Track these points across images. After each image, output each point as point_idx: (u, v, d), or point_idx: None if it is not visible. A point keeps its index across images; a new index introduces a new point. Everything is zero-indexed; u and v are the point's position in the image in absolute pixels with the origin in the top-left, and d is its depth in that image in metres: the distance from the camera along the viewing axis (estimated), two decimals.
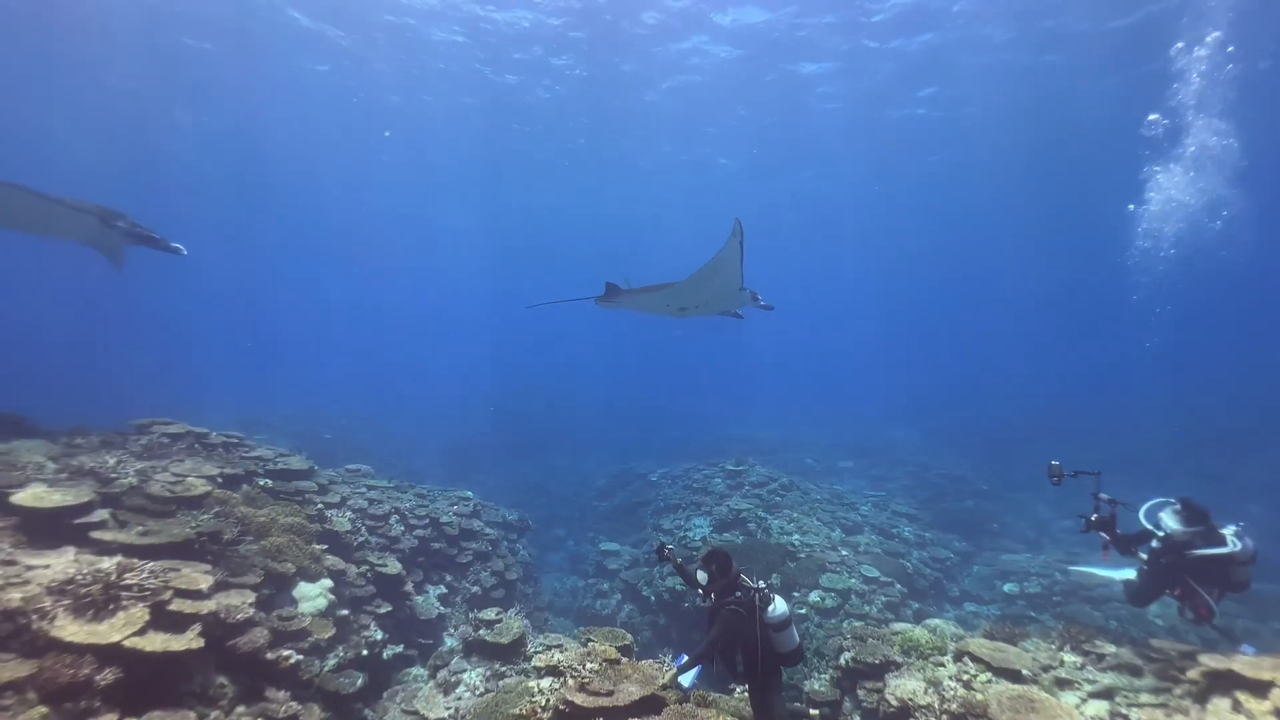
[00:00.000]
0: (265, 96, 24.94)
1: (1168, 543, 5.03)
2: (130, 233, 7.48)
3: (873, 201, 34.62)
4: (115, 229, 7.38)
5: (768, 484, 14.08)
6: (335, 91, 25.12)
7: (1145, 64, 18.93)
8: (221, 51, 21.93)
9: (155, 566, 4.72)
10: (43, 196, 6.79)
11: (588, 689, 4.49)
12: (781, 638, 4.07)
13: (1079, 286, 47.42)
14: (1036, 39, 19.67)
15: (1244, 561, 4.77)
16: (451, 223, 43.24)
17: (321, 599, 6.51)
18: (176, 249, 7.63)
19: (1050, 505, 17.49)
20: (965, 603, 11.64)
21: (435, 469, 21.27)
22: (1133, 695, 4.71)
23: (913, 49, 21.27)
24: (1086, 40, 19.14)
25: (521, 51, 22.67)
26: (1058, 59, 20.38)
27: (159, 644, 4.05)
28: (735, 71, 23.27)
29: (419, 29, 21.41)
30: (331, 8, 20.25)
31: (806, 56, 22.35)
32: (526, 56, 22.95)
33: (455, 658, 6.98)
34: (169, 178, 31.96)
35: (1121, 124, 18.53)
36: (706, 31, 21.36)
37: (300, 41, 21.81)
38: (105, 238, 7.63)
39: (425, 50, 22.60)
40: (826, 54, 22.10)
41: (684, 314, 8.84)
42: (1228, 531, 4.87)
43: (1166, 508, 5.25)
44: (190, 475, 6.77)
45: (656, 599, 11.05)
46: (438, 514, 10.17)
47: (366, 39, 21.96)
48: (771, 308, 8.62)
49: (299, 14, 20.46)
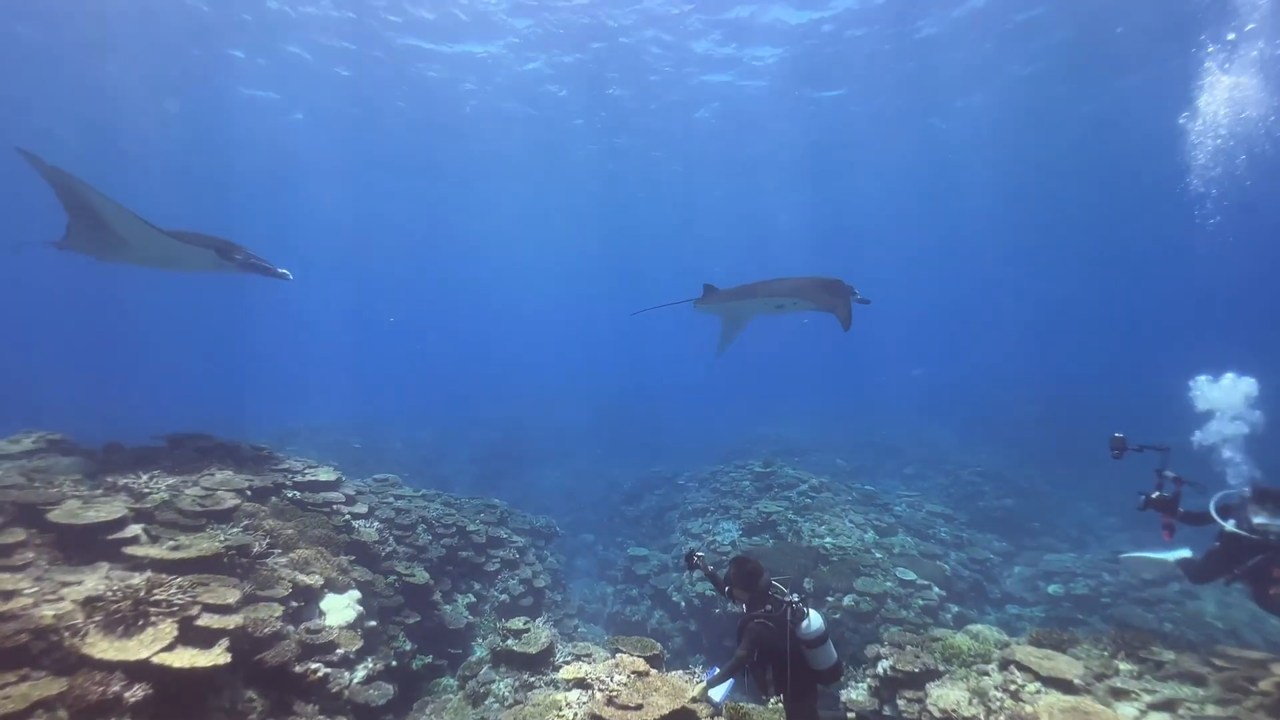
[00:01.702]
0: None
1: (1253, 533, 4.65)
2: (246, 264, 7.65)
3: (903, 198, 33.99)
4: (233, 261, 7.55)
5: (797, 485, 13.80)
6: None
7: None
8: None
9: (184, 581, 4.74)
10: (169, 234, 6.96)
11: (615, 702, 4.37)
12: (817, 654, 3.86)
13: (1119, 275, 45.89)
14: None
15: None
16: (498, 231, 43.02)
17: (349, 610, 6.51)
18: (283, 275, 7.79)
19: (1095, 502, 16.82)
20: (1007, 605, 11.22)
21: (463, 476, 21.47)
22: (1197, 708, 4.40)
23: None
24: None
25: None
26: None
27: (186, 660, 4.05)
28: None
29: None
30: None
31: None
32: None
33: (484, 668, 6.92)
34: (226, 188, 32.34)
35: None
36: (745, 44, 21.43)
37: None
38: (221, 269, 7.80)
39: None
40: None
41: (780, 311, 9.29)
42: None
43: (1237, 496, 4.86)
44: (220, 489, 6.84)
45: (686, 605, 10.89)
46: (465, 522, 10.17)
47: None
48: (868, 302, 8.65)
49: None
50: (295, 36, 20.62)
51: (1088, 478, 17.89)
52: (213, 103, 24.21)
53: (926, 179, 31.20)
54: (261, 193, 33.13)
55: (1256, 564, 4.57)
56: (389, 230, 41.77)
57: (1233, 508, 4.86)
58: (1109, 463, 5.93)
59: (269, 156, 28.88)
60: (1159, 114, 18.94)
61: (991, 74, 21.71)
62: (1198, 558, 5.19)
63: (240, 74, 22.52)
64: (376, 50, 21.46)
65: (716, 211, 36.95)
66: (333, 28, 20.21)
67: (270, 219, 36.13)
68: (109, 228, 6.93)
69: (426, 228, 41.36)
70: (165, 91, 23.05)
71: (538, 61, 22.44)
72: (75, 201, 6.84)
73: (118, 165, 26.84)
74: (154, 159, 27.44)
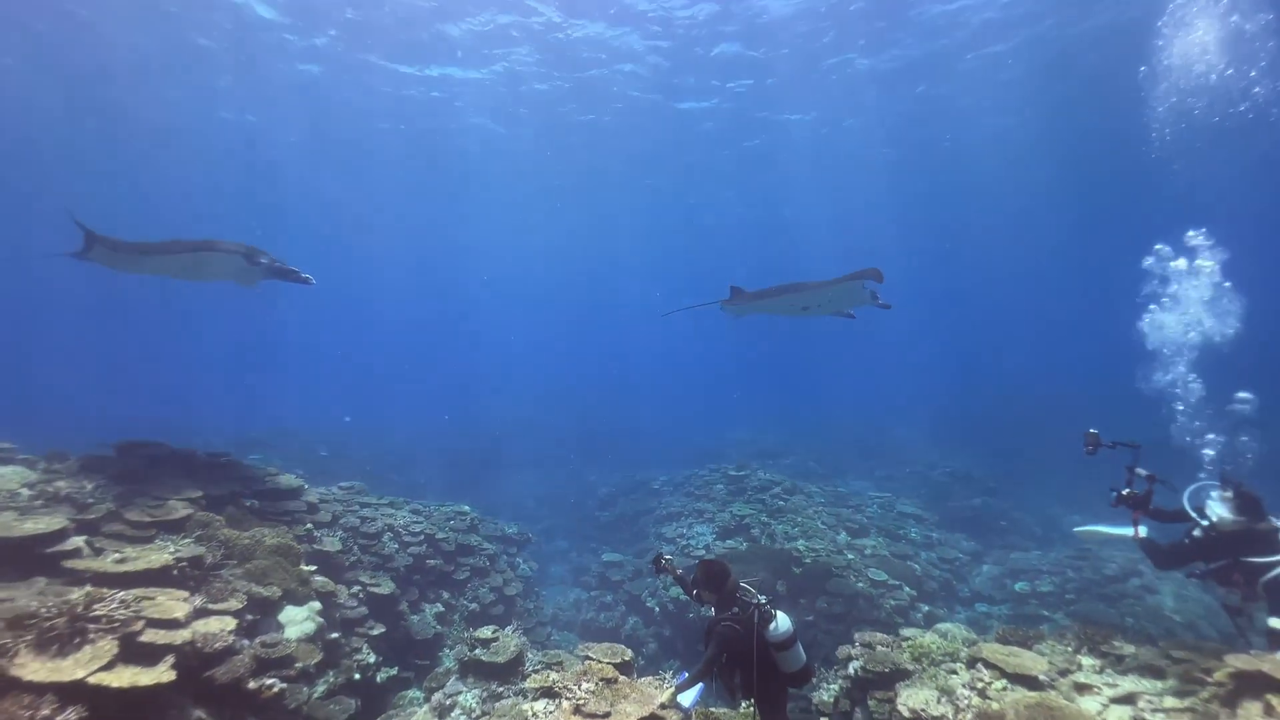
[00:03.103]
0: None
1: (1211, 531, 4.72)
2: (271, 269, 7.69)
3: (878, 207, 34.46)
4: (259, 266, 7.59)
5: (771, 488, 13.85)
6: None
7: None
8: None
9: (126, 596, 4.50)
10: (196, 245, 7.05)
11: (583, 711, 4.27)
12: (785, 657, 3.80)
13: (1082, 272, 47.18)
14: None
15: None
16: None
17: (309, 623, 6.28)
18: (307, 279, 7.79)
19: (1060, 501, 17.22)
20: (976, 603, 11.38)
21: (435, 483, 21.04)
22: (1157, 699, 4.46)
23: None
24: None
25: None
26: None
27: (127, 679, 3.83)
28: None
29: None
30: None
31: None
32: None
33: (451, 679, 6.74)
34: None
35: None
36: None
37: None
38: (248, 275, 7.85)
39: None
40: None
41: (806, 313, 9.34)
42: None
43: (1214, 491, 4.93)
44: (172, 498, 6.56)
45: (661, 610, 10.81)
46: (433, 530, 9.93)
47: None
48: (889, 306, 8.75)
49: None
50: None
51: (1053, 477, 18.33)
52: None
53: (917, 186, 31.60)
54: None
55: (1220, 568, 4.64)
56: (371, 231, 41.10)
57: (1201, 502, 4.93)
58: (1073, 462, 6.05)
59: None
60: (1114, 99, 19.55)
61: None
62: (1162, 543, 5.25)
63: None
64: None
65: (686, 212, 37.07)
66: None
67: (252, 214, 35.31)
68: (141, 261, 7.06)
69: (409, 227, 40.82)
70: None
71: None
72: (113, 255, 6.98)
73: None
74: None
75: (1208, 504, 4.92)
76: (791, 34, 19.86)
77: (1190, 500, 5.06)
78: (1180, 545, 5.09)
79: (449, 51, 20.99)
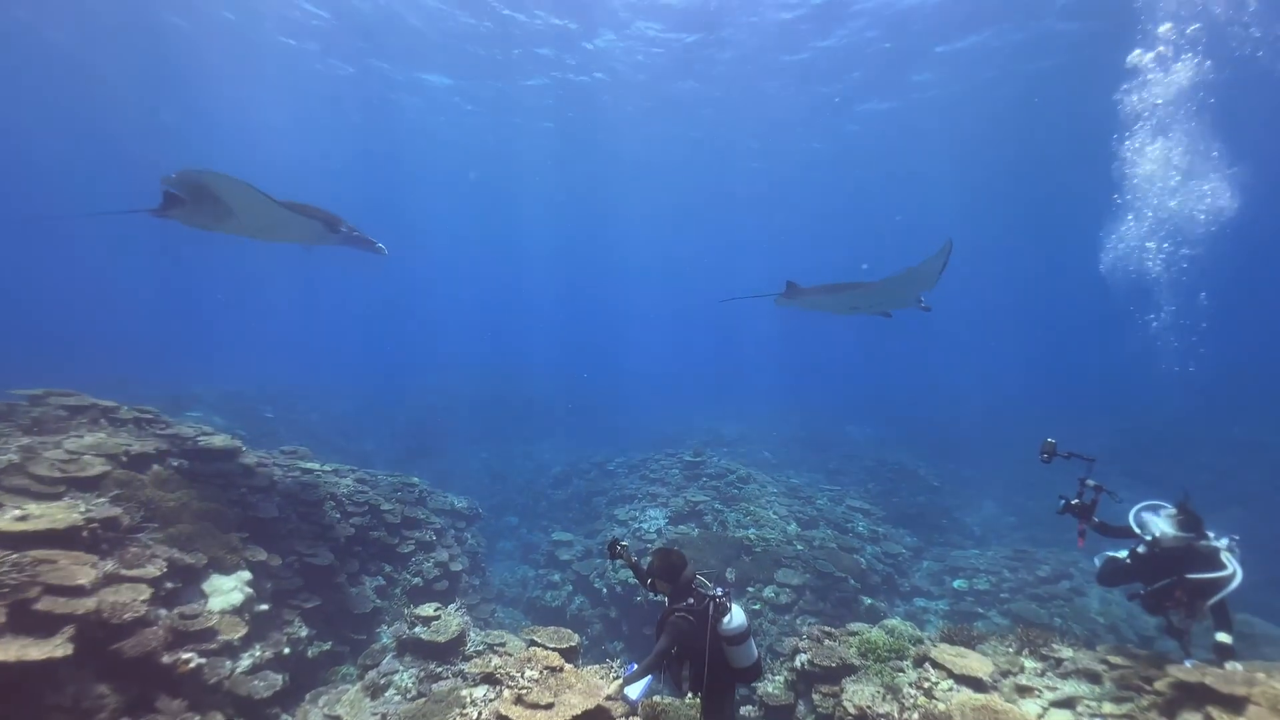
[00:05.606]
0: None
1: (1154, 548, 4.79)
2: (349, 237, 7.64)
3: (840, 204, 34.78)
4: (338, 233, 7.54)
5: (725, 476, 13.86)
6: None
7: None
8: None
9: (21, 559, 4.06)
10: (282, 205, 6.76)
11: (525, 701, 4.08)
12: (737, 652, 3.69)
13: (1040, 288, 48.85)
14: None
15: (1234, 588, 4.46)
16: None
17: (237, 593, 5.89)
18: (381, 249, 7.85)
19: (998, 503, 17.89)
20: (915, 598, 11.68)
21: (386, 453, 20.41)
22: (1095, 705, 4.56)
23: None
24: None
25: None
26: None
27: (14, 652, 3.43)
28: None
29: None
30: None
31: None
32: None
33: (387, 657, 6.46)
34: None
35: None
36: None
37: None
38: (324, 240, 7.74)
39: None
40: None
41: (854, 312, 9.32)
42: (1221, 545, 4.57)
43: (1160, 511, 5.00)
44: (87, 454, 6.02)
45: (609, 591, 10.71)
46: (378, 500, 9.53)
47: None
48: (929, 309, 8.74)
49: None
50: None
51: (992, 479, 19.02)
52: None
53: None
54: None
55: (1162, 588, 4.69)
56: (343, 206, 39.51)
57: (1148, 520, 4.98)
58: (1013, 466, 6.12)
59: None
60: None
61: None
62: (1115, 563, 5.31)
63: None
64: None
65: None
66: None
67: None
68: (222, 202, 6.67)
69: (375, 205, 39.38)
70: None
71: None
72: (195, 189, 6.60)
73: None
74: None
75: (1151, 520, 4.99)
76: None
77: (1134, 517, 5.14)
78: (1121, 562, 5.16)
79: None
